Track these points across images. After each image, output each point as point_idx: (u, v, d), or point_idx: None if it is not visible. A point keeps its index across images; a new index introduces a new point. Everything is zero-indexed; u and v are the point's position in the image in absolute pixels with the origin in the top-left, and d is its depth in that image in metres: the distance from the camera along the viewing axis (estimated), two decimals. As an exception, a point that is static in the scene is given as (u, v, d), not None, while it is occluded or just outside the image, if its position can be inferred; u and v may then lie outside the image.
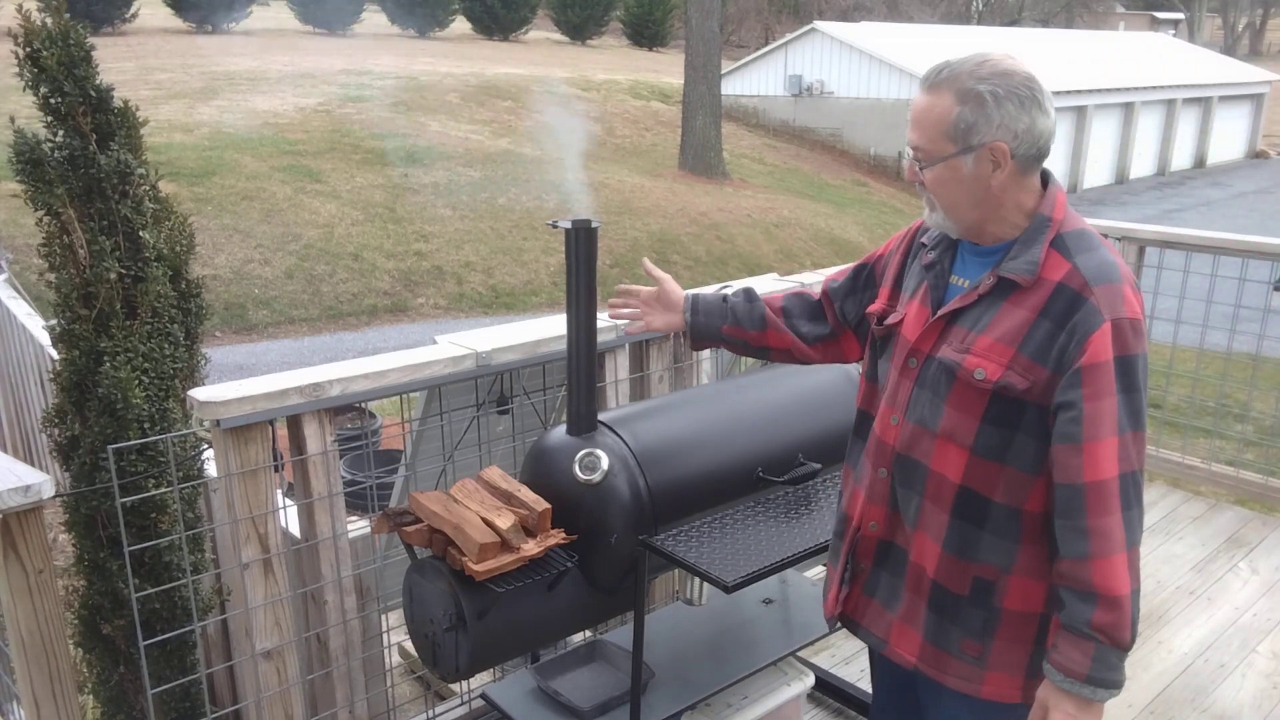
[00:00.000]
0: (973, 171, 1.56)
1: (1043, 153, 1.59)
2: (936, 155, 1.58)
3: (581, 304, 2.15)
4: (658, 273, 2.08)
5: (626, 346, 2.86)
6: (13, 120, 2.62)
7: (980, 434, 1.59)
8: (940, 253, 1.72)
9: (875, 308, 1.83)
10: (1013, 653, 1.65)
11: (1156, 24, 45.58)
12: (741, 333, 2.03)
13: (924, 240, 1.77)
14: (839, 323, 1.99)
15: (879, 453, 1.75)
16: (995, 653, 1.66)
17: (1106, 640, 1.50)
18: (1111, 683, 1.52)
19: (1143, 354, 1.52)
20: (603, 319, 2.24)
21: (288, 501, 2.44)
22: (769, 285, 3.22)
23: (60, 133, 2.50)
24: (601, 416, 2.24)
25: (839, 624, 1.93)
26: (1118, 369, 1.49)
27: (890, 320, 1.78)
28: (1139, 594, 1.53)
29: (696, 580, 2.43)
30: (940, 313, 1.65)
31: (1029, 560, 1.61)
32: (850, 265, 2.00)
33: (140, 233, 2.59)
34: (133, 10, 23.66)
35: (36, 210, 2.52)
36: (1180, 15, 49.48)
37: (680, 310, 2.06)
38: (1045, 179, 1.65)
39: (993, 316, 1.59)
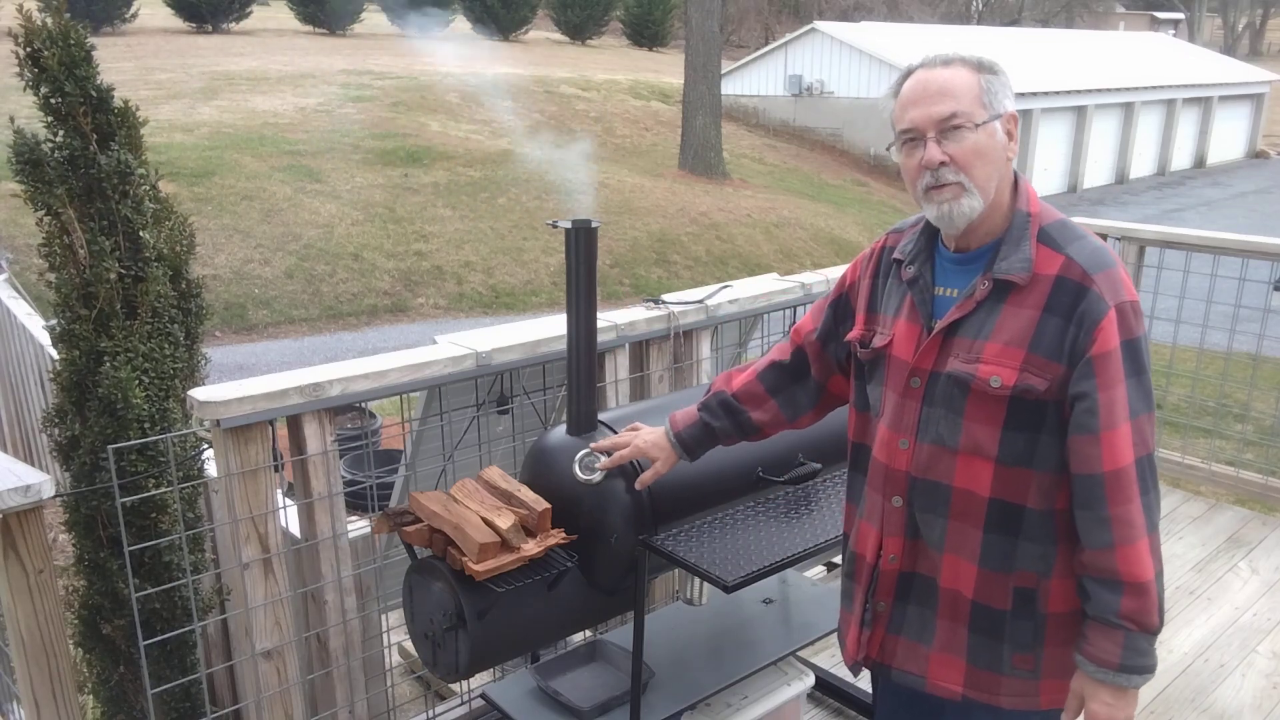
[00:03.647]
0: (1001, 141, 1.57)
1: None
2: (977, 119, 1.54)
3: (581, 304, 2.15)
4: (620, 440, 2.03)
5: (626, 346, 2.86)
6: (13, 120, 2.62)
7: (1004, 442, 1.56)
8: (919, 266, 1.67)
9: (853, 335, 1.77)
10: (1065, 655, 1.62)
11: (1156, 24, 45.56)
12: (738, 440, 2.00)
13: (897, 256, 1.72)
14: (825, 368, 1.90)
15: (889, 481, 1.69)
16: (1048, 660, 1.63)
17: (1135, 627, 1.50)
18: (1144, 668, 1.52)
19: (1144, 334, 1.55)
20: (602, 319, 2.24)
21: (288, 501, 2.44)
22: (768, 285, 3.22)
23: (60, 133, 2.50)
24: (601, 416, 2.24)
25: (862, 669, 1.84)
26: (1125, 353, 1.50)
27: (877, 343, 1.71)
28: (1163, 576, 1.53)
29: (696, 580, 2.43)
30: (940, 326, 1.61)
31: (1066, 559, 1.59)
32: (819, 304, 1.91)
33: (140, 233, 2.59)
34: (133, 10, 23.65)
35: (36, 210, 2.52)
36: (1180, 15, 49.46)
37: (669, 448, 1.98)
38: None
39: (996, 321, 1.56)
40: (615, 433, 2.17)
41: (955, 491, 1.62)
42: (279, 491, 2.35)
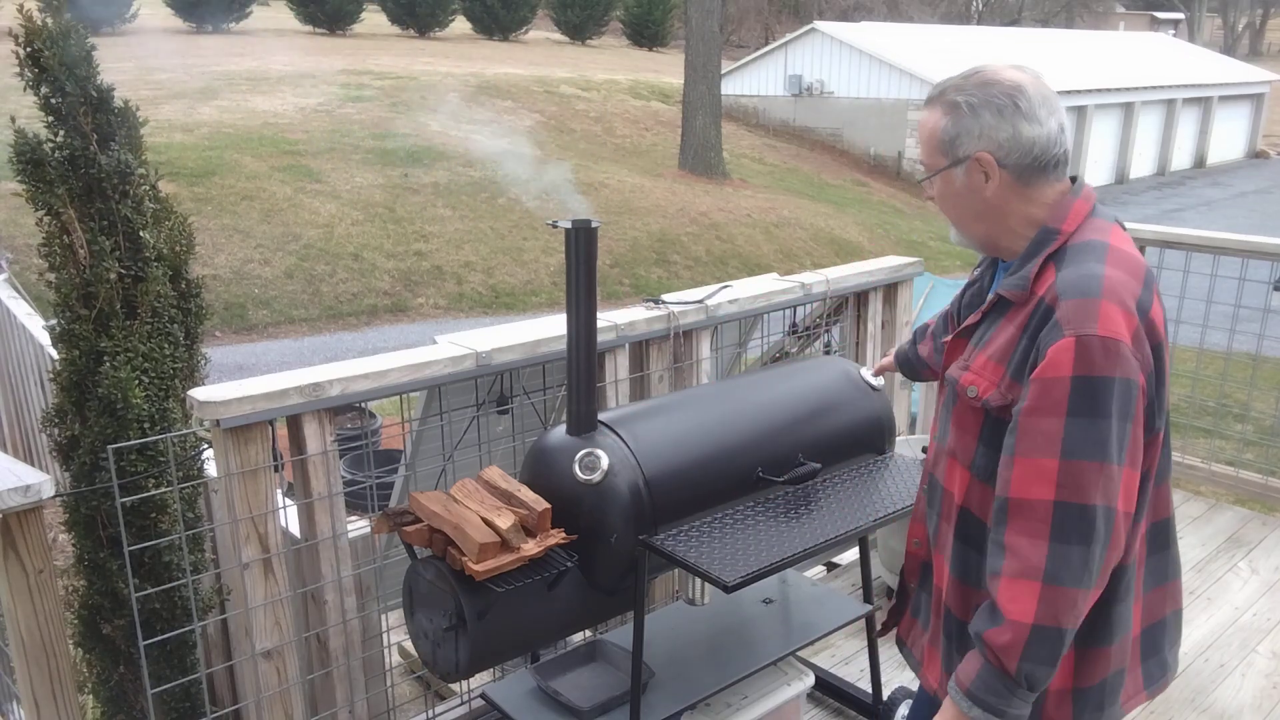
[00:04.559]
0: (965, 184, 1.54)
1: (1040, 161, 1.51)
2: (932, 169, 1.58)
3: (581, 304, 2.15)
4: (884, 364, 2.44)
5: (626, 346, 2.86)
6: (13, 120, 2.62)
7: (977, 454, 1.56)
8: (982, 271, 1.73)
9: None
10: None
11: (1156, 24, 45.57)
12: (929, 379, 2.26)
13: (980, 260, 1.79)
14: None
15: (924, 469, 1.77)
16: None
17: (993, 659, 1.43)
18: (992, 708, 1.43)
19: (1119, 378, 1.38)
20: (602, 319, 2.25)
21: (288, 501, 2.44)
22: (768, 285, 3.22)
23: (61, 133, 2.50)
24: (601, 416, 2.24)
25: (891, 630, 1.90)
26: (1075, 390, 1.38)
27: (944, 339, 1.79)
28: (1057, 636, 1.40)
29: (697, 580, 2.43)
30: (956, 330, 1.66)
31: None
32: None
33: (140, 233, 2.59)
34: (133, 10, 23.65)
35: (37, 210, 2.53)
36: (1180, 15, 49.46)
37: (898, 355, 2.31)
38: (1078, 187, 1.58)
39: (991, 333, 1.56)
40: (616, 433, 2.18)
41: (945, 492, 1.66)
42: (279, 491, 2.35)
